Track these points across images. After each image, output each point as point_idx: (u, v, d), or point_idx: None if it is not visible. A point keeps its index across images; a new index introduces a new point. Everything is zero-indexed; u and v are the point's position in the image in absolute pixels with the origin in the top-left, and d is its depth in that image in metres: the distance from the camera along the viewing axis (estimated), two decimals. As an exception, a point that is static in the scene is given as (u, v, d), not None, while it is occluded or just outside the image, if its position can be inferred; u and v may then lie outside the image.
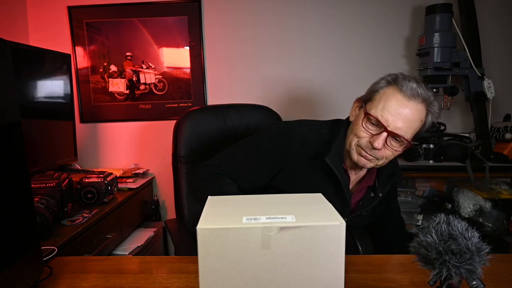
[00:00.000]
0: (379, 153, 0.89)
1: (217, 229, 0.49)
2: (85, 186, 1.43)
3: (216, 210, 0.55)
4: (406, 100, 0.86)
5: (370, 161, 0.91)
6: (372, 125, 0.89)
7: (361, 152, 0.91)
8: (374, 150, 0.88)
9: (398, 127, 0.86)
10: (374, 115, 0.87)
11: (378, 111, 0.87)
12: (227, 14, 2.05)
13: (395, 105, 0.86)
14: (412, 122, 0.87)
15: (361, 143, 0.90)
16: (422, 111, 0.88)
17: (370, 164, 0.92)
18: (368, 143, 0.89)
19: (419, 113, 0.87)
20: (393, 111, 0.86)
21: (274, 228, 0.48)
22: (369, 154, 0.90)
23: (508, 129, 1.83)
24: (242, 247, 0.49)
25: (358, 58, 2.10)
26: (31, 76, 1.58)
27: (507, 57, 2.05)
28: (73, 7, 2.05)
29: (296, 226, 0.49)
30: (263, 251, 0.49)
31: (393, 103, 0.86)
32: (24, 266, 0.66)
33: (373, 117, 0.88)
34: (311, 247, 0.49)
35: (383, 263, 0.83)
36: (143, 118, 2.15)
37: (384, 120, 0.86)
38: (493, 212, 1.82)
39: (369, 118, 0.89)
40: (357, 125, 0.92)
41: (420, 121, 0.89)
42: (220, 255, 0.49)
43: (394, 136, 0.87)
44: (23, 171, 0.67)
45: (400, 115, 0.86)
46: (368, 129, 0.89)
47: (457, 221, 0.52)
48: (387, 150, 0.89)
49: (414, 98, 0.86)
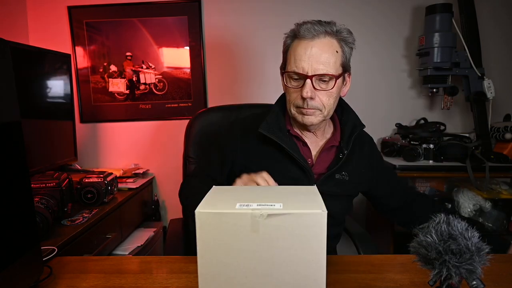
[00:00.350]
0: (315, 102, 0.89)
1: (212, 213, 0.55)
2: (85, 186, 1.43)
3: (216, 197, 0.62)
4: (310, 41, 0.87)
5: (314, 115, 0.91)
6: (295, 80, 0.90)
7: (301, 111, 0.91)
8: (310, 102, 0.88)
9: (316, 68, 0.86)
10: (290, 70, 0.89)
11: (292, 65, 0.89)
12: (227, 14, 2.06)
13: (302, 50, 0.87)
14: (326, 57, 0.87)
15: (296, 103, 0.91)
16: (331, 43, 0.88)
17: (316, 119, 0.91)
18: (301, 99, 0.89)
19: (329, 46, 0.88)
20: (304, 57, 0.87)
21: (262, 215, 0.55)
22: (308, 109, 0.90)
23: (508, 129, 1.83)
24: (234, 230, 0.55)
25: (358, 58, 2.10)
26: (31, 76, 1.58)
27: (507, 57, 2.05)
28: (73, 7, 2.05)
29: (282, 213, 0.55)
30: (252, 235, 0.55)
31: (300, 50, 0.88)
32: (24, 266, 0.66)
33: (291, 73, 0.89)
34: (295, 232, 0.55)
35: (383, 263, 0.83)
36: (143, 118, 2.15)
37: (301, 68, 0.87)
38: (493, 212, 1.82)
39: (289, 75, 0.91)
40: (286, 90, 0.94)
41: (335, 53, 0.89)
42: (215, 236, 0.56)
43: (318, 78, 0.88)
44: (23, 171, 0.67)
45: (311, 56, 0.86)
46: (294, 86, 0.91)
47: (457, 221, 0.52)
48: (321, 96, 0.89)
49: (316, 36, 0.87)
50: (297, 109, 0.92)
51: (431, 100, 2.11)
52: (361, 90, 2.12)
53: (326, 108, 0.91)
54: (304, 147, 0.98)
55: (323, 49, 0.87)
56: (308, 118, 0.91)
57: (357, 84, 2.12)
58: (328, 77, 0.88)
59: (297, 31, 0.90)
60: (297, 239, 0.55)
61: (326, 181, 0.95)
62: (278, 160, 0.94)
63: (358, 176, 1.01)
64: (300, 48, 0.88)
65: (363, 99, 2.13)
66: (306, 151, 0.98)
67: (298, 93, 0.89)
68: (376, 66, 2.10)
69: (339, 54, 0.90)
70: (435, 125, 1.96)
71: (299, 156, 0.93)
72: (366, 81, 2.11)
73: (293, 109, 0.93)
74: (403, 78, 2.11)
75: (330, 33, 0.89)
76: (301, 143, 0.98)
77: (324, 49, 0.87)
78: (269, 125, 0.94)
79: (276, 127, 0.95)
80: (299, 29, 0.89)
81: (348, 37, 0.92)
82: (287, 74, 0.91)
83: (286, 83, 0.92)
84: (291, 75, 0.90)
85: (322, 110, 0.91)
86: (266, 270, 0.57)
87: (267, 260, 0.56)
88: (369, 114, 2.14)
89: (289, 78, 0.91)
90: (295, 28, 0.91)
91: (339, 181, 0.97)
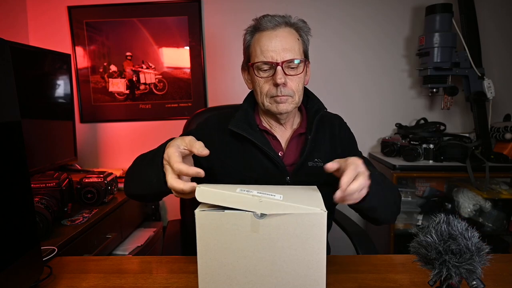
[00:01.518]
0: (287, 88, 0.91)
1: (212, 213, 0.55)
2: (85, 186, 1.43)
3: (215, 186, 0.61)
4: (272, 31, 0.91)
5: (288, 102, 0.92)
6: (265, 71, 0.91)
7: (276, 100, 0.92)
8: (283, 89, 0.90)
9: (284, 55, 0.89)
10: (259, 60, 0.90)
11: (259, 56, 0.90)
12: (227, 14, 2.06)
13: (268, 40, 0.90)
14: (290, 44, 0.90)
15: (270, 93, 0.92)
16: (291, 32, 0.92)
17: (290, 106, 0.93)
18: (273, 88, 0.91)
19: (290, 35, 0.92)
20: (270, 46, 0.89)
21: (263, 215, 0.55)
22: (282, 96, 0.91)
23: (508, 129, 1.83)
24: (233, 230, 0.55)
25: (358, 58, 2.10)
26: (31, 76, 1.58)
27: (507, 57, 2.05)
28: (73, 7, 2.05)
29: (282, 213, 0.55)
30: (252, 235, 0.55)
31: (265, 41, 0.90)
32: (24, 266, 0.66)
33: (260, 63, 0.90)
34: (295, 232, 0.55)
35: (383, 263, 0.83)
36: (143, 118, 2.15)
37: (269, 57, 0.89)
38: (493, 212, 1.82)
39: (258, 67, 0.92)
40: (256, 83, 0.94)
41: (297, 40, 0.93)
42: (215, 236, 0.56)
43: (287, 63, 0.90)
44: (23, 171, 0.67)
45: (277, 45, 0.89)
46: (264, 76, 0.92)
47: (457, 221, 0.52)
48: (291, 82, 0.91)
49: (278, 26, 0.91)
50: (271, 99, 0.93)
51: (431, 100, 2.11)
52: (361, 90, 2.12)
53: (297, 94, 0.93)
54: (274, 140, 0.99)
55: (287, 37, 0.91)
56: (283, 106, 0.92)
57: (357, 84, 2.12)
58: (296, 62, 0.91)
59: (258, 25, 0.93)
60: (297, 239, 0.55)
61: (299, 171, 0.95)
62: (251, 156, 0.95)
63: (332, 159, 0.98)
64: (265, 39, 0.90)
65: (363, 99, 2.13)
66: (276, 144, 0.99)
67: (270, 82, 0.91)
68: (376, 66, 2.10)
69: (300, 41, 0.94)
70: (435, 125, 1.96)
71: (269, 149, 0.93)
72: (366, 81, 2.11)
73: (266, 100, 0.94)
74: (403, 78, 2.11)
75: (289, 24, 0.93)
76: (271, 137, 0.99)
77: (287, 37, 0.91)
78: (238, 122, 0.96)
79: (246, 123, 0.96)
80: (260, 22, 0.92)
81: (304, 26, 0.96)
82: (255, 66, 0.92)
83: (256, 75, 0.93)
84: (260, 66, 0.91)
85: (294, 96, 0.93)
86: (266, 270, 0.57)
87: (267, 260, 0.56)
88: (369, 114, 2.14)
89: (258, 70, 0.92)
90: (255, 23, 0.94)
91: (313, 168, 0.96)
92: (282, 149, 0.99)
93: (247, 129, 0.95)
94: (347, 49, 2.09)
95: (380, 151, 1.99)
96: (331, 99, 2.12)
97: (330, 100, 2.13)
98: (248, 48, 0.96)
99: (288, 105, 0.93)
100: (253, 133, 0.95)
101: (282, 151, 0.99)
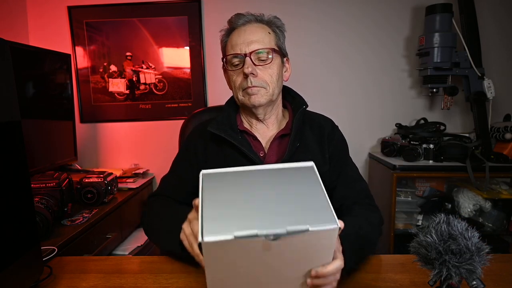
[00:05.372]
0: (258, 78, 0.91)
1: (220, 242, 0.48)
2: (85, 186, 1.43)
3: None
4: (242, 27, 0.94)
5: (260, 93, 0.92)
6: (235, 65, 0.93)
7: (247, 92, 0.92)
8: (253, 79, 0.91)
9: (252, 47, 0.90)
10: (229, 53, 0.93)
11: (230, 50, 0.94)
12: (227, 14, 2.02)
13: (237, 36, 0.93)
14: (260, 36, 0.92)
15: (242, 85, 0.93)
16: (262, 26, 0.95)
17: (263, 98, 0.93)
18: (244, 80, 0.92)
19: (260, 29, 0.94)
20: (240, 40, 0.92)
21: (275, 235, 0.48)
22: (253, 87, 0.91)
23: (508, 129, 1.83)
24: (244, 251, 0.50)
25: (358, 58, 2.10)
26: (31, 76, 1.58)
27: (507, 57, 2.05)
28: (73, 7, 2.05)
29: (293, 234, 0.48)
30: (263, 253, 0.50)
31: (235, 37, 0.94)
32: (24, 266, 0.66)
33: (230, 55, 0.93)
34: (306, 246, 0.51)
35: (383, 263, 0.83)
36: (143, 118, 2.15)
37: (238, 49, 0.91)
38: (493, 212, 1.82)
39: (229, 61, 0.94)
40: (229, 77, 0.96)
41: (268, 34, 0.94)
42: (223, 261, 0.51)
43: (256, 57, 0.91)
44: (23, 171, 0.67)
45: (246, 38, 0.92)
46: (235, 69, 0.93)
47: (457, 221, 0.52)
48: (263, 73, 0.92)
49: (248, 22, 0.94)
50: (243, 92, 0.94)
51: (431, 100, 2.11)
52: (361, 90, 2.12)
53: (270, 86, 0.93)
54: (255, 141, 0.98)
55: (256, 31, 0.93)
56: (255, 98, 0.92)
57: (357, 84, 2.12)
58: (264, 52, 0.91)
59: (230, 24, 0.97)
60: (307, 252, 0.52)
61: None
62: (233, 159, 0.93)
63: (321, 163, 0.96)
64: (235, 35, 0.94)
65: (364, 99, 2.13)
66: (257, 144, 0.97)
67: (241, 74, 0.92)
68: (376, 66, 2.10)
69: (272, 35, 0.95)
70: (435, 125, 1.96)
71: (248, 150, 0.92)
72: (366, 81, 2.11)
73: (240, 94, 0.95)
74: (403, 78, 2.11)
75: (260, 21, 0.96)
76: (252, 137, 0.98)
77: (257, 31, 0.93)
78: (219, 124, 0.96)
79: (227, 125, 0.97)
80: (231, 21, 0.96)
81: (277, 21, 0.97)
82: (227, 61, 0.94)
83: (228, 69, 0.95)
84: (230, 59, 0.93)
85: (267, 88, 0.93)
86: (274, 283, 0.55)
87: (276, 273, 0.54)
88: (369, 114, 2.14)
89: (230, 65, 0.94)
90: (228, 24, 0.98)
91: None
92: (263, 149, 0.97)
93: (227, 130, 0.94)
94: (347, 49, 2.09)
95: (380, 151, 1.99)
96: (331, 99, 2.13)
97: (330, 100, 2.13)
98: (224, 48, 0.99)
99: (261, 97, 0.92)
100: (232, 133, 0.94)
101: (264, 152, 0.96)
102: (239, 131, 0.98)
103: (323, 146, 0.98)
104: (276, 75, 0.94)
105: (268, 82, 0.92)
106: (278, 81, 0.95)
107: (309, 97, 1.12)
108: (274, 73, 0.93)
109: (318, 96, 2.12)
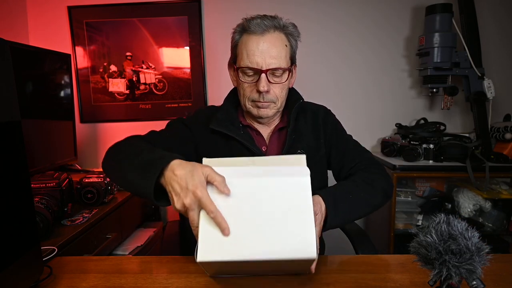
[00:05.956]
0: (270, 95, 0.92)
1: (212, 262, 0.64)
2: (85, 186, 1.43)
3: None
4: (260, 36, 0.90)
5: (269, 108, 0.94)
6: (250, 75, 0.92)
7: (257, 105, 0.94)
8: (265, 95, 0.91)
9: (270, 62, 0.89)
10: (244, 65, 0.91)
11: (245, 60, 0.90)
12: (227, 14, 2.05)
13: (254, 45, 0.89)
14: (277, 51, 0.90)
15: (252, 97, 0.93)
16: (280, 37, 0.92)
17: (271, 111, 0.95)
18: (257, 93, 0.92)
19: (278, 40, 0.91)
20: (257, 52, 0.89)
21: None
22: (264, 102, 0.92)
23: (508, 129, 1.83)
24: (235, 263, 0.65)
25: (358, 58, 2.10)
26: (31, 76, 1.58)
27: (507, 57, 2.05)
28: (73, 7, 2.05)
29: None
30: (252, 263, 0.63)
31: (252, 45, 0.90)
32: (24, 266, 0.66)
33: (245, 68, 0.91)
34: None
35: (383, 263, 0.83)
36: (143, 118, 2.15)
37: (255, 63, 0.89)
38: (493, 212, 1.82)
39: (242, 71, 0.92)
40: (240, 85, 0.96)
41: (285, 46, 0.92)
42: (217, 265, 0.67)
43: (272, 72, 0.90)
44: (23, 171, 0.67)
45: (264, 51, 0.89)
46: (248, 81, 0.93)
47: (457, 221, 0.52)
48: (275, 88, 0.92)
49: (266, 31, 0.90)
50: (252, 103, 0.95)
51: (431, 100, 2.11)
52: (361, 90, 2.12)
53: (280, 100, 0.95)
54: (258, 136, 1.01)
55: (274, 44, 0.90)
56: (264, 111, 0.94)
57: (357, 84, 2.12)
58: (281, 71, 0.91)
59: (246, 26, 0.92)
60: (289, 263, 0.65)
61: None
62: (238, 153, 0.96)
63: (316, 148, 1.01)
64: (252, 43, 0.90)
65: (364, 99, 2.13)
66: (260, 139, 1.01)
67: (253, 88, 0.92)
68: (376, 66, 2.10)
69: (288, 48, 0.94)
70: (435, 125, 1.96)
71: (253, 146, 0.95)
72: (366, 81, 2.11)
73: (248, 103, 0.95)
74: (403, 78, 2.11)
75: (278, 28, 0.92)
76: (255, 132, 1.01)
77: (275, 43, 0.90)
78: (220, 121, 0.97)
79: (228, 122, 0.98)
80: (248, 24, 0.91)
81: (294, 31, 0.95)
82: (241, 70, 0.93)
83: (240, 79, 0.94)
84: (245, 70, 0.92)
85: (276, 102, 0.94)
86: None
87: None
88: (369, 114, 2.14)
89: (243, 74, 0.93)
90: (243, 23, 0.94)
91: None
92: (265, 144, 1.01)
93: (230, 127, 0.96)
94: (347, 49, 2.09)
95: (380, 151, 1.99)
96: (331, 99, 2.12)
97: (330, 100, 2.13)
98: (235, 48, 0.96)
99: (270, 110, 0.95)
100: (236, 130, 0.97)
101: (266, 146, 1.01)
102: (242, 126, 1.00)
103: (318, 132, 1.02)
104: (286, 89, 0.96)
105: (278, 96, 0.94)
106: (286, 94, 0.97)
107: (309, 97, 1.12)
108: (284, 88, 0.95)
109: (318, 96, 2.11)
